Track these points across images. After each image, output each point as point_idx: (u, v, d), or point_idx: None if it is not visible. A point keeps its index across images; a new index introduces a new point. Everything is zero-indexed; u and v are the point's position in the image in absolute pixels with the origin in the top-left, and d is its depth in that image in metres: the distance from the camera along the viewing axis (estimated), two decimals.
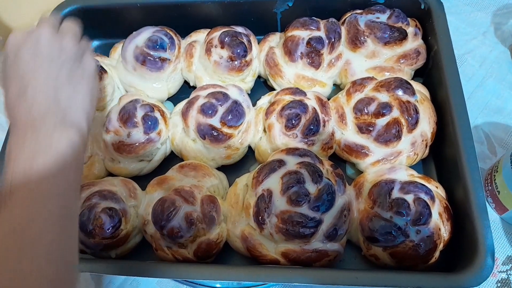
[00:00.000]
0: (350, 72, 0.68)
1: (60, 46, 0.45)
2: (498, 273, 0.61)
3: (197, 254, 0.55)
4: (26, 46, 0.44)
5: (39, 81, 0.43)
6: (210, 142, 0.62)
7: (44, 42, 0.45)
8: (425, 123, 0.61)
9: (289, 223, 0.52)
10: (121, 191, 0.59)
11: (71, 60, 0.46)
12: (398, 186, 0.55)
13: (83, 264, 0.54)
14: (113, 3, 0.75)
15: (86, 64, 0.48)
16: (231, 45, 0.67)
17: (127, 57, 0.69)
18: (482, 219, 0.51)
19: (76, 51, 0.47)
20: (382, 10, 0.68)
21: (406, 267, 0.54)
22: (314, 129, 0.61)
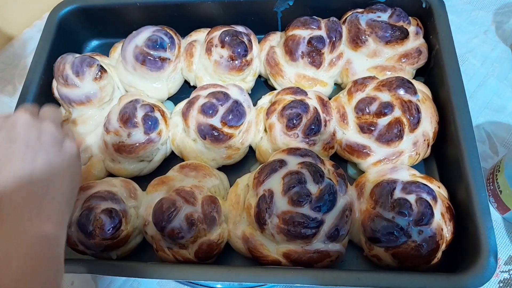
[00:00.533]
0: (351, 71, 0.68)
1: (38, 130, 0.43)
2: (500, 273, 0.61)
3: (198, 255, 0.55)
4: (1, 131, 0.42)
5: (13, 168, 0.40)
6: (210, 142, 0.62)
7: (21, 126, 0.42)
8: (427, 122, 0.61)
9: (291, 224, 0.52)
10: (121, 192, 0.59)
11: (50, 145, 0.43)
12: (400, 186, 0.55)
13: (83, 266, 0.53)
14: (112, 2, 0.75)
15: (67, 149, 0.45)
16: (232, 44, 0.67)
17: (127, 57, 0.68)
18: (484, 219, 0.51)
19: (56, 136, 0.44)
20: (383, 9, 0.68)
21: (408, 268, 0.54)
22: (315, 129, 0.61)
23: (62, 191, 0.43)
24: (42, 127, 0.44)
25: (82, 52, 0.83)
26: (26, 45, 0.90)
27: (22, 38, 0.91)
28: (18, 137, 0.42)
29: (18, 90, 0.84)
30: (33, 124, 0.43)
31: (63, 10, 0.75)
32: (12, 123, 0.43)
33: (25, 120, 0.43)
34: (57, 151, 0.44)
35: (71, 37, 0.79)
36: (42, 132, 0.43)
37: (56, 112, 0.49)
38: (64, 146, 0.45)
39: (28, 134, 0.42)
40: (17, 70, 0.87)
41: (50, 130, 0.44)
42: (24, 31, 0.91)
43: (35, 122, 0.44)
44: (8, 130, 0.42)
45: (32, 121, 0.44)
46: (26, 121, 0.43)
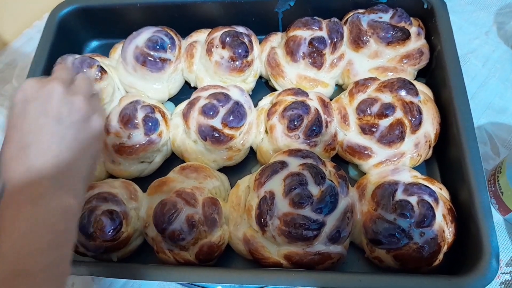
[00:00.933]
0: (353, 72, 0.67)
1: (70, 105, 0.45)
2: (502, 274, 0.61)
3: (199, 257, 0.55)
4: (36, 101, 0.44)
5: (44, 141, 0.42)
6: (211, 143, 0.62)
7: (55, 100, 0.44)
8: (429, 124, 0.61)
9: (292, 226, 0.52)
10: (121, 193, 0.59)
11: (79, 122, 0.45)
12: (401, 187, 0.55)
13: (84, 267, 0.53)
14: (113, 3, 0.75)
15: (93, 126, 0.47)
16: (232, 45, 0.67)
17: (127, 58, 0.68)
18: (486, 221, 0.51)
19: (85, 112, 0.46)
20: (385, 9, 0.68)
21: (410, 270, 0.53)
22: (316, 130, 0.60)
23: (83, 167, 0.45)
24: (74, 102, 0.46)
25: (82, 52, 0.83)
26: (26, 45, 0.89)
27: (22, 39, 0.90)
28: (51, 111, 0.44)
29: None
30: (66, 98, 0.45)
31: (63, 10, 0.75)
32: (47, 94, 0.44)
33: (59, 94, 0.45)
34: (84, 128, 0.46)
35: (71, 37, 0.79)
36: (73, 108, 0.45)
37: (88, 86, 0.50)
38: (91, 122, 0.47)
39: (61, 108, 0.44)
40: (16, 71, 0.87)
41: (80, 105, 0.46)
42: (24, 32, 0.91)
43: (67, 96, 0.45)
44: (43, 101, 0.44)
45: (64, 95, 0.45)
46: (59, 96, 0.45)
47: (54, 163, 0.41)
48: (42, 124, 0.43)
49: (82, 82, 0.50)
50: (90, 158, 0.47)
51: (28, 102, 0.44)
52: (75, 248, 0.56)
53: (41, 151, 0.41)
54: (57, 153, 0.42)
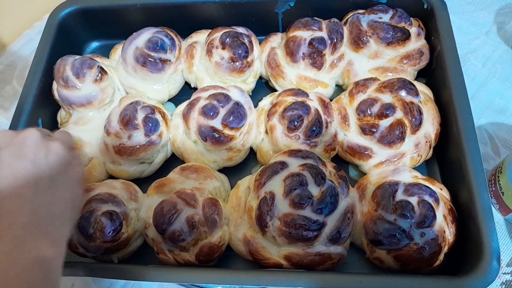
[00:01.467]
0: (353, 72, 0.67)
1: (47, 148, 0.43)
2: (503, 274, 0.60)
3: (199, 258, 0.55)
4: (10, 147, 0.42)
5: (18, 185, 0.40)
6: (211, 144, 0.62)
7: (31, 143, 0.43)
8: (429, 124, 0.61)
9: (292, 226, 0.51)
10: (122, 194, 0.59)
11: (56, 165, 0.43)
12: (402, 188, 0.55)
13: (83, 268, 0.53)
14: (113, 3, 0.75)
15: (73, 171, 0.46)
16: (232, 46, 0.67)
17: (127, 59, 0.68)
18: (487, 221, 0.51)
19: (63, 157, 0.44)
20: (385, 10, 0.68)
21: (411, 270, 0.53)
22: (316, 130, 0.60)
23: (64, 214, 0.43)
24: (50, 146, 0.44)
25: (82, 53, 0.83)
26: (26, 46, 0.89)
27: (22, 40, 0.90)
28: (27, 154, 0.42)
29: (18, 92, 0.84)
30: (42, 142, 0.43)
31: (64, 11, 0.75)
32: (22, 139, 0.43)
33: (34, 138, 0.43)
34: (63, 173, 0.44)
35: (72, 38, 0.79)
36: (50, 152, 0.43)
37: (67, 135, 0.49)
38: (69, 166, 0.45)
39: (36, 152, 0.42)
40: (16, 72, 0.87)
41: (58, 150, 0.44)
42: (24, 33, 0.91)
43: (43, 140, 0.44)
44: (18, 146, 0.42)
45: (40, 139, 0.44)
46: (35, 139, 0.43)
47: (29, 207, 0.39)
48: (16, 168, 0.41)
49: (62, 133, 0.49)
50: (71, 202, 0.44)
51: (1, 149, 0.42)
52: (75, 249, 0.56)
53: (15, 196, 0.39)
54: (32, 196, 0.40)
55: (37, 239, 0.38)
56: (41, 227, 0.39)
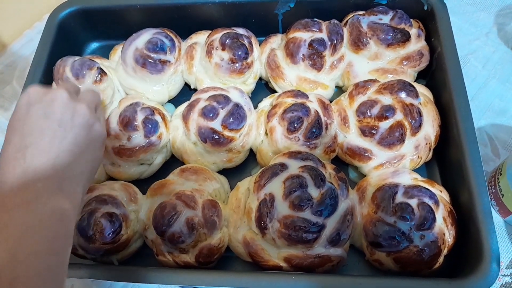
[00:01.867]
0: (353, 74, 0.67)
1: (73, 110, 0.45)
2: (502, 276, 0.60)
3: (199, 260, 0.55)
4: (39, 104, 0.44)
5: (43, 142, 0.42)
6: (211, 145, 0.62)
7: (58, 104, 0.45)
8: (429, 126, 0.61)
9: (292, 228, 0.51)
10: (121, 196, 0.59)
11: (81, 126, 0.45)
12: (401, 190, 0.55)
13: (83, 270, 0.53)
14: (113, 4, 0.75)
15: (95, 133, 0.48)
16: (232, 47, 0.66)
17: (127, 60, 0.68)
18: (487, 224, 0.51)
19: (88, 119, 0.46)
20: (385, 11, 0.68)
21: (410, 273, 0.53)
22: (316, 132, 0.60)
23: (82, 173, 0.45)
24: (77, 108, 0.46)
25: (82, 54, 0.83)
26: (26, 47, 0.89)
27: (22, 40, 0.90)
28: (53, 114, 0.44)
29: (18, 92, 0.84)
30: (69, 104, 0.45)
31: (63, 12, 0.75)
32: (50, 99, 0.45)
33: (62, 99, 0.45)
34: (86, 134, 0.46)
35: (71, 39, 0.79)
36: (75, 113, 0.45)
37: (93, 96, 0.50)
38: (93, 128, 0.47)
39: (63, 113, 0.44)
40: (16, 72, 0.87)
41: (83, 112, 0.46)
42: (24, 33, 0.91)
43: (71, 102, 0.46)
44: (46, 105, 0.44)
45: (68, 100, 0.46)
46: (63, 100, 0.45)
47: (51, 164, 0.41)
48: (43, 126, 0.43)
49: (88, 93, 0.50)
50: (90, 163, 0.47)
51: (31, 105, 0.44)
52: (74, 251, 0.56)
53: (39, 152, 0.41)
54: (55, 155, 0.42)
55: (56, 193, 0.40)
56: (60, 184, 0.41)
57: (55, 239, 0.38)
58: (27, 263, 0.35)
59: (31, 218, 0.37)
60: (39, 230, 0.37)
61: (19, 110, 0.44)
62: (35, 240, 0.37)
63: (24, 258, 0.35)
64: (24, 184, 0.39)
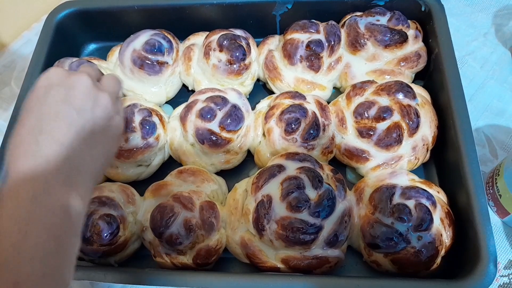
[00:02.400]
0: (350, 75, 0.67)
1: (95, 100, 0.42)
2: (500, 277, 0.60)
3: (196, 261, 0.55)
4: (60, 87, 0.41)
5: (59, 129, 0.39)
6: (209, 147, 0.62)
7: (80, 89, 0.42)
8: (426, 127, 0.61)
9: (289, 230, 0.51)
10: (119, 197, 0.59)
11: (100, 118, 0.43)
12: (399, 191, 0.55)
13: (81, 272, 0.53)
14: (110, 5, 0.75)
15: (113, 126, 0.45)
16: (230, 48, 0.66)
17: (124, 61, 0.68)
18: (484, 225, 0.51)
19: (109, 111, 0.44)
20: (382, 12, 0.68)
21: (408, 274, 0.53)
22: (314, 133, 0.60)
23: (95, 169, 0.42)
24: (99, 97, 0.43)
25: (80, 55, 0.83)
26: (24, 48, 0.89)
27: (20, 41, 0.90)
28: (74, 101, 0.41)
29: (16, 93, 0.84)
30: (91, 91, 0.42)
31: (61, 13, 0.75)
32: (72, 83, 0.42)
33: (85, 86, 0.42)
34: (104, 127, 0.43)
35: (69, 40, 0.79)
36: (96, 103, 0.42)
37: (116, 85, 0.47)
38: (112, 122, 0.45)
39: (84, 101, 0.41)
40: (15, 73, 0.87)
41: (104, 102, 0.43)
42: (23, 34, 0.91)
43: (93, 90, 0.43)
44: (68, 89, 0.41)
45: (91, 88, 0.42)
46: (86, 87, 0.42)
47: (64, 155, 0.38)
48: (61, 111, 0.40)
49: (111, 81, 0.47)
50: (104, 158, 0.44)
51: (51, 87, 0.41)
52: None
53: (53, 139, 0.38)
54: (70, 145, 0.39)
55: (66, 187, 0.37)
56: (71, 177, 0.38)
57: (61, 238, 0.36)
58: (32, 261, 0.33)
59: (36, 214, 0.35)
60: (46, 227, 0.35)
61: (38, 91, 0.41)
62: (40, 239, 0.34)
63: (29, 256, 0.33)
64: (33, 173, 0.36)
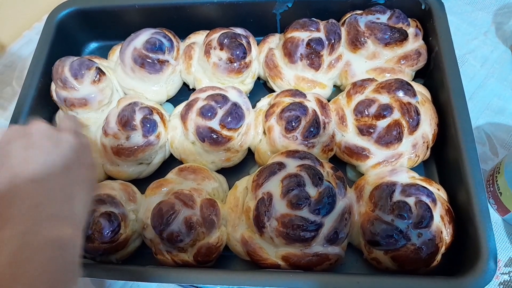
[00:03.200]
0: (351, 73, 0.67)
1: (56, 138, 0.42)
2: (501, 275, 0.61)
3: (197, 258, 0.55)
4: (19, 140, 0.41)
5: (30, 171, 0.38)
6: (209, 145, 0.62)
7: (38, 134, 0.41)
8: (426, 124, 0.61)
9: (290, 227, 0.52)
10: (120, 195, 0.59)
11: (68, 153, 0.42)
12: (399, 188, 0.55)
13: (82, 269, 0.53)
14: (111, 5, 0.75)
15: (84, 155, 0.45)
16: (230, 46, 0.67)
17: (125, 60, 0.68)
18: (484, 222, 0.51)
19: (74, 144, 0.43)
20: (382, 10, 0.68)
21: (408, 271, 0.53)
22: (314, 131, 0.60)
23: (80, 195, 0.42)
24: (60, 137, 0.43)
25: (81, 54, 0.83)
26: (26, 47, 0.89)
27: (21, 41, 0.90)
28: (37, 145, 0.41)
29: (17, 93, 0.84)
30: (51, 133, 0.43)
31: (62, 12, 0.75)
32: (30, 132, 0.42)
33: (43, 130, 0.42)
34: (75, 159, 0.43)
35: (70, 39, 0.79)
36: (59, 142, 0.42)
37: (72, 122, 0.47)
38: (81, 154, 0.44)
39: (46, 141, 0.41)
40: (16, 73, 0.87)
41: (68, 139, 0.43)
42: (24, 34, 0.91)
43: (53, 131, 0.43)
44: (27, 138, 0.41)
45: (50, 130, 0.43)
46: (43, 131, 0.42)
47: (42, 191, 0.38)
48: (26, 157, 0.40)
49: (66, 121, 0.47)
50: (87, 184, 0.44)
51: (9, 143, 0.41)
52: None
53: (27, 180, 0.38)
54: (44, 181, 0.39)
55: (51, 219, 0.37)
56: (56, 208, 0.38)
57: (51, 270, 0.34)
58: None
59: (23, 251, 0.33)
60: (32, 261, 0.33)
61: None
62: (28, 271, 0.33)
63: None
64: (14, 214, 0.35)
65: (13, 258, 0.33)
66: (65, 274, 0.35)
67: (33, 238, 0.34)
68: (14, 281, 0.32)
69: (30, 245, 0.34)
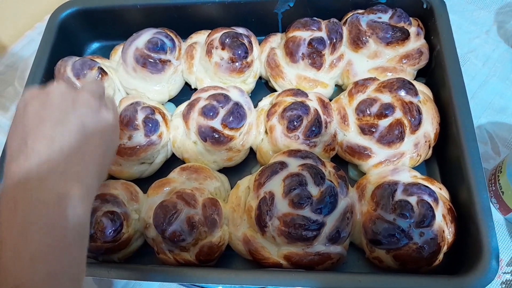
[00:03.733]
0: (352, 72, 0.67)
1: (74, 98, 0.42)
2: (503, 274, 0.60)
3: (199, 258, 0.55)
4: (36, 99, 0.42)
5: (45, 128, 0.39)
6: (211, 144, 0.62)
7: (56, 93, 0.42)
8: (428, 124, 0.61)
9: (292, 226, 0.52)
10: (122, 195, 0.59)
11: (84, 110, 0.42)
12: (401, 188, 0.55)
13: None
14: (113, 4, 0.75)
15: (102, 116, 0.44)
16: (232, 46, 0.67)
17: (127, 59, 0.68)
18: (486, 221, 0.51)
19: (92, 104, 0.43)
20: (384, 9, 0.68)
21: (410, 270, 0.53)
22: (316, 130, 0.60)
23: (92, 156, 0.42)
24: (78, 96, 0.43)
25: (83, 54, 0.83)
26: (28, 47, 0.90)
27: (23, 41, 0.91)
28: (51, 103, 0.41)
29: (19, 93, 0.84)
30: (68, 93, 0.42)
31: (64, 12, 0.75)
32: (46, 93, 0.42)
33: (60, 89, 0.42)
34: (92, 117, 0.43)
35: (72, 39, 0.79)
36: (76, 100, 0.42)
37: (96, 85, 0.47)
38: (100, 113, 0.44)
39: (63, 100, 0.41)
40: (18, 73, 0.87)
41: (85, 98, 0.43)
42: (26, 34, 0.91)
43: (70, 91, 0.43)
44: (44, 98, 0.42)
45: (67, 90, 0.43)
46: (61, 90, 0.42)
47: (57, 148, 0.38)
48: (42, 116, 0.40)
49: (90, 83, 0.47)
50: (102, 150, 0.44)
51: (27, 103, 0.42)
52: None
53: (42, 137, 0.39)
54: (59, 138, 0.39)
55: (63, 177, 0.37)
56: (68, 166, 0.38)
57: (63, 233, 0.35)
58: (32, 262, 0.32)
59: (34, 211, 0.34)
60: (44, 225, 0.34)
61: (17, 113, 0.42)
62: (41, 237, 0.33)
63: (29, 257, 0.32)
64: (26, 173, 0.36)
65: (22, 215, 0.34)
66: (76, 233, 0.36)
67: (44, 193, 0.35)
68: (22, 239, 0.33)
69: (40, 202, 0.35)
